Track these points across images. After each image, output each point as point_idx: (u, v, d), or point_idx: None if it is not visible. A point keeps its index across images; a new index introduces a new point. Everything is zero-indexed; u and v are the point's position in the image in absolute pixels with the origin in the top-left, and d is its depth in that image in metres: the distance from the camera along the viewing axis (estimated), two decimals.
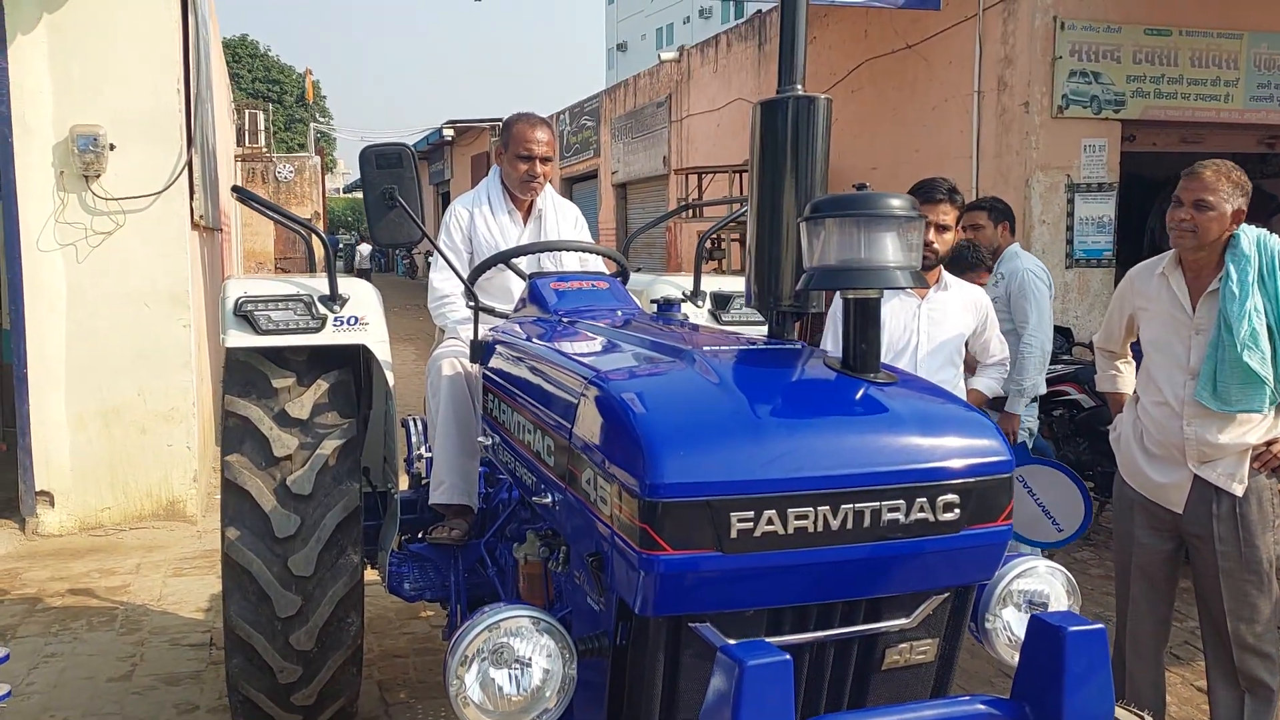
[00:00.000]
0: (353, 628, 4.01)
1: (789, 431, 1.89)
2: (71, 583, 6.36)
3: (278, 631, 3.85)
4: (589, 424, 2.08)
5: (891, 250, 2.02)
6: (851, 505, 1.83)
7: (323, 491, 3.95)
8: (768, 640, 1.80)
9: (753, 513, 1.79)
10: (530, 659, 1.95)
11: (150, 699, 4.82)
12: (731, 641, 1.82)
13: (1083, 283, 9.13)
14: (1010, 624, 2.17)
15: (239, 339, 3.99)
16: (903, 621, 1.98)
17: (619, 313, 3.52)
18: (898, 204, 2.03)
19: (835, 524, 1.82)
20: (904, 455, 1.88)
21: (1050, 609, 2.15)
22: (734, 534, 1.78)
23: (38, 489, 7.12)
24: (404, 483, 4.80)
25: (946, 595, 2.02)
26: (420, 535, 4.22)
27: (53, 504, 7.17)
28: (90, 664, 5.17)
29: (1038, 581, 2.18)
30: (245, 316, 4.00)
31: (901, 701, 2.01)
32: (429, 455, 4.45)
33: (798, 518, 1.81)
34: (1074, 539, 5.09)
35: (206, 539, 7.27)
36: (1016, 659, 2.16)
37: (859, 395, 2.02)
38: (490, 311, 3.97)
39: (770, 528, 1.80)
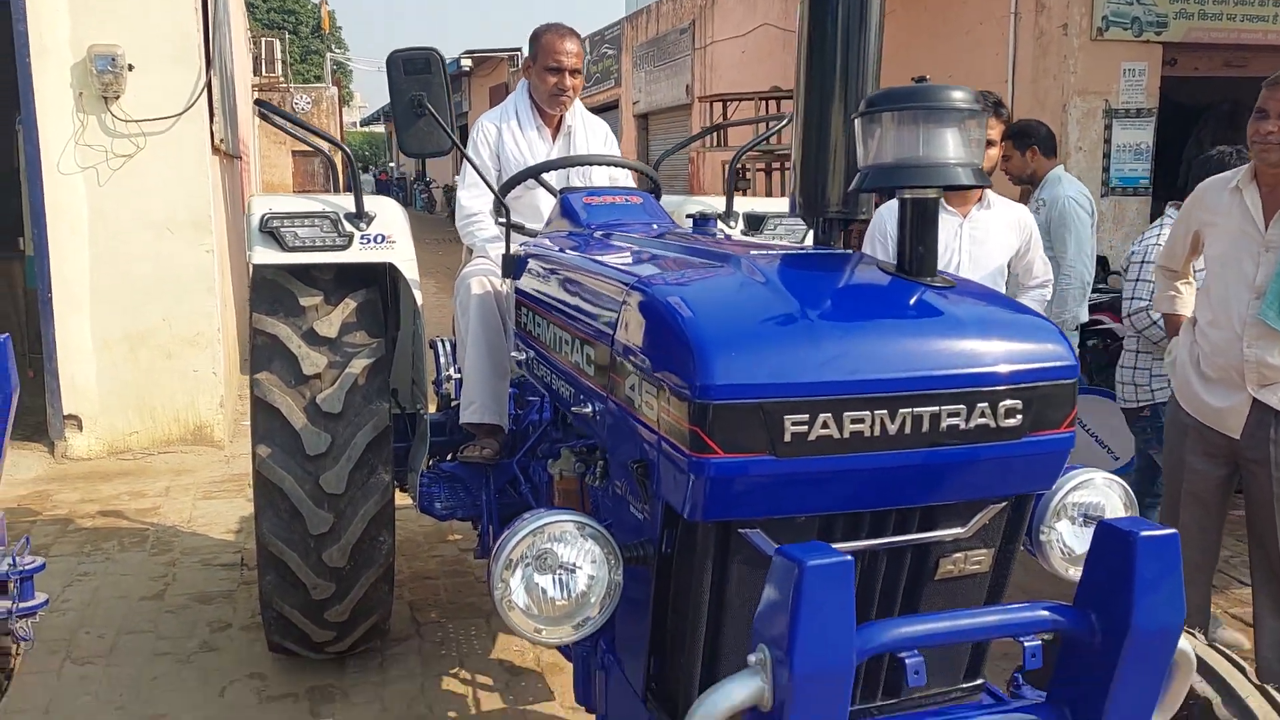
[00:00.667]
0: (384, 546, 4.00)
1: (845, 333, 1.82)
2: (102, 505, 6.41)
3: (310, 549, 3.86)
4: (633, 329, 2.01)
5: (952, 146, 1.92)
6: (910, 410, 1.76)
7: (353, 410, 3.92)
8: None
9: (807, 416, 1.72)
10: (575, 564, 1.91)
11: (183, 617, 4.86)
12: None
13: (1118, 211, 8.92)
14: (1065, 537, 2.11)
15: (265, 256, 3.94)
16: (958, 531, 1.92)
17: (654, 226, 3.43)
18: (960, 96, 1.92)
19: (893, 429, 1.75)
20: (965, 358, 1.81)
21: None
22: (787, 438, 1.72)
23: (65, 413, 7.15)
24: (433, 406, 4.77)
25: (1003, 505, 1.96)
26: (451, 455, 4.19)
27: (80, 428, 7.20)
28: (123, 583, 5.22)
29: (1095, 493, 2.11)
30: (271, 233, 3.93)
31: None
32: (458, 376, 4.41)
33: (854, 422, 1.74)
34: (1130, 468, 5.02)
35: (234, 464, 7.31)
36: (1070, 572, 2.11)
37: (917, 298, 1.94)
38: (520, 229, 3.89)
39: (825, 432, 1.73)
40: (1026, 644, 1.68)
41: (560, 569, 1.91)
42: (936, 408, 1.77)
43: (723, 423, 1.71)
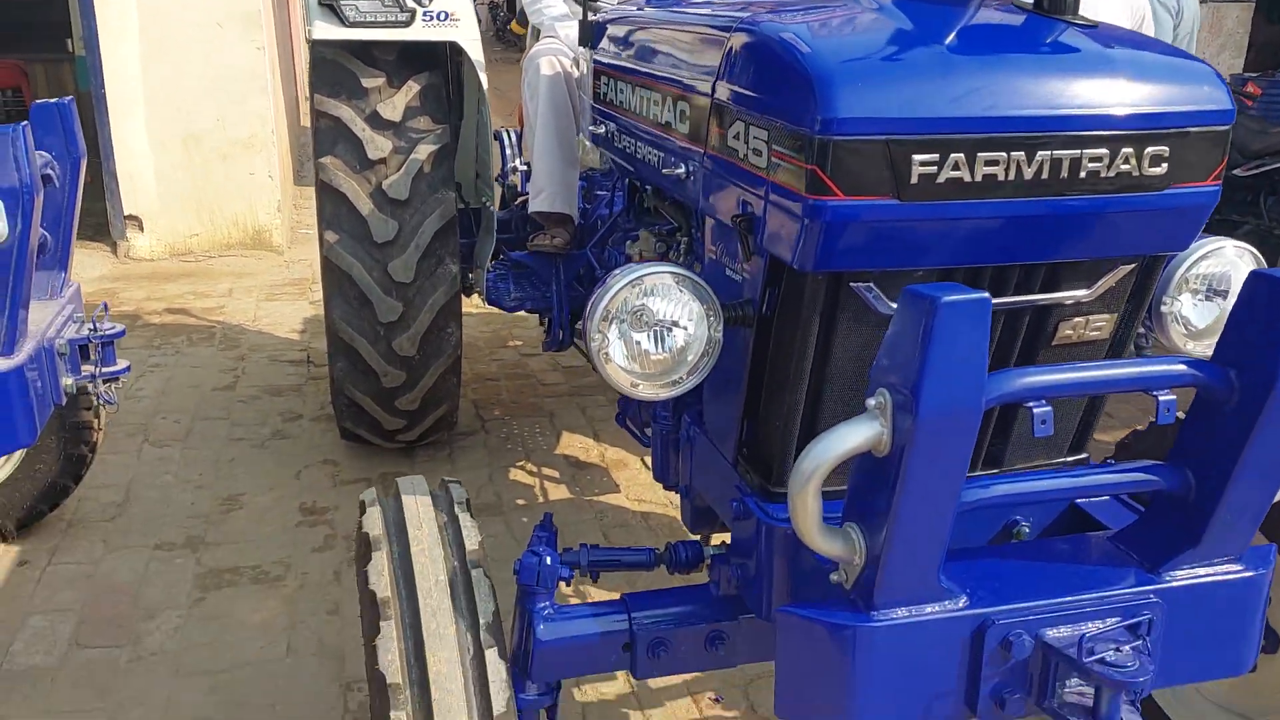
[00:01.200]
0: (452, 338, 3.99)
1: (981, 67, 1.65)
2: (167, 303, 6.48)
3: (380, 336, 3.85)
4: (739, 71, 1.86)
5: None
6: (1049, 152, 1.61)
7: (419, 198, 3.83)
8: None
9: (937, 155, 1.58)
10: (673, 319, 1.83)
11: (255, 407, 4.95)
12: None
13: (1216, 20, 8.33)
14: (1186, 310, 1.99)
15: (325, 31, 3.76)
16: (1082, 293, 1.80)
17: None
18: None
19: (1029, 173, 1.61)
20: (1110, 97, 1.64)
21: (1233, 295, 1.95)
22: (914, 179, 1.59)
23: (126, 213, 7.16)
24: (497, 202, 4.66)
25: (1133, 266, 1.83)
26: (519, 248, 4.09)
27: (141, 228, 7.22)
28: (194, 375, 5.31)
29: (1223, 264, 1.97)
30: (330, 6, 3.74)
31: None
32: (524, 168, 4.27)
33: (987, 163, 1.60)
34: None
35: (294, 268, 7.33)
36: (1189, 346, 2.00)
37: (1058, 35, 1.76)
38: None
39: (955, 174, 1.60)
40: (1161, 398, 1.58)
41: (658, 324, 1.83)
42: (1078, 151, 1.62)
43: (844, 161, 1.58)
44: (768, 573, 1.93)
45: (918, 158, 1.59)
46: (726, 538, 2.50)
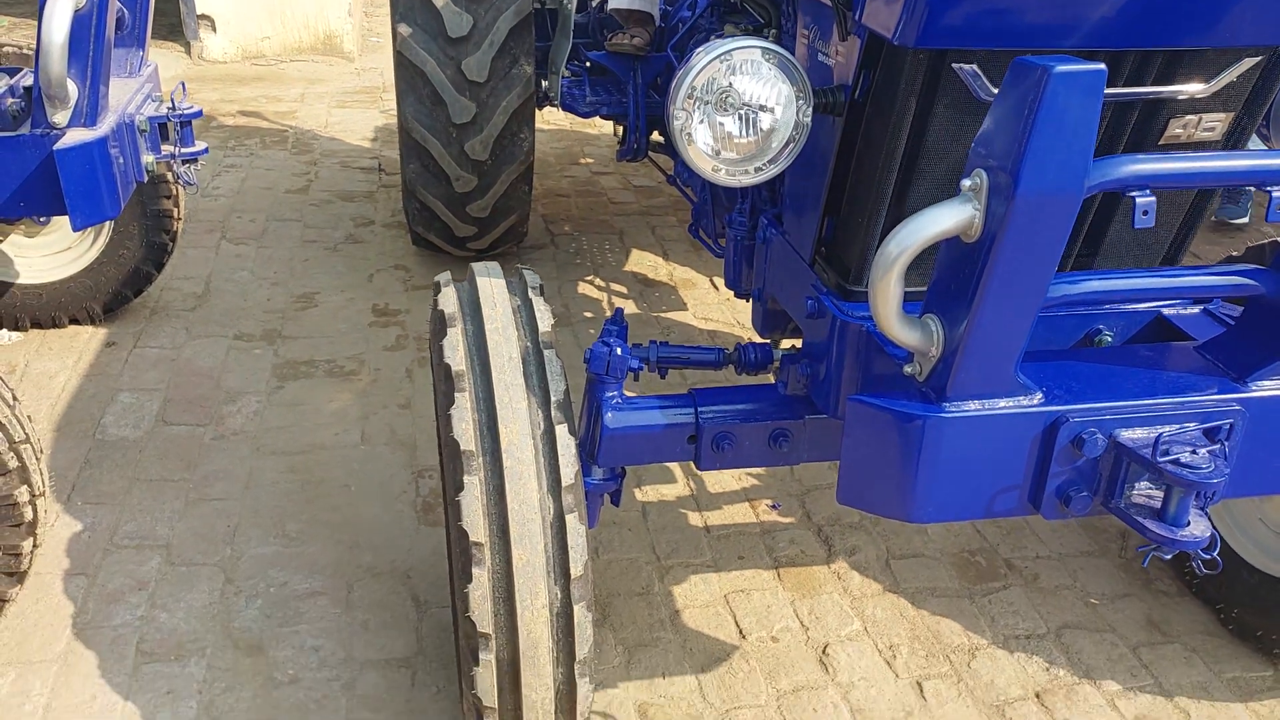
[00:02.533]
0: (525, 143, 3.93)
1: None
2: (240, 105, 6.47)
3: (453, 139, 3.80)
4: None
5: None
6: None
7: None
8: None
9: None
10: (761, 101, 1.76)
11: (327, 211, 4.99)
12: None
13: None
14: None
15: None
16: (1199, 87, 1.69)
17: None
18: None
19: None
20: None
21: None
22: None
23: (199, 12, 7.07)
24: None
25: (1259, 60, 1.70)
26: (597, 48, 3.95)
27: (214, 28, 7.15)
28: (268, 177, 5.34)
29: None
30: None
31: None
32: None
33: None
34: None
35: (364, 76, 7.24)
36: None
37: None
38: None
39: None
40: (1275, 193, 1.50)
41: (744, 106, 1.77)
42: None
43: None
44: (838, 370, 1.93)
45: None
46: (797, 343, 2.50)
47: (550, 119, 6.18)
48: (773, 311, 2.38)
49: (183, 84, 2.84)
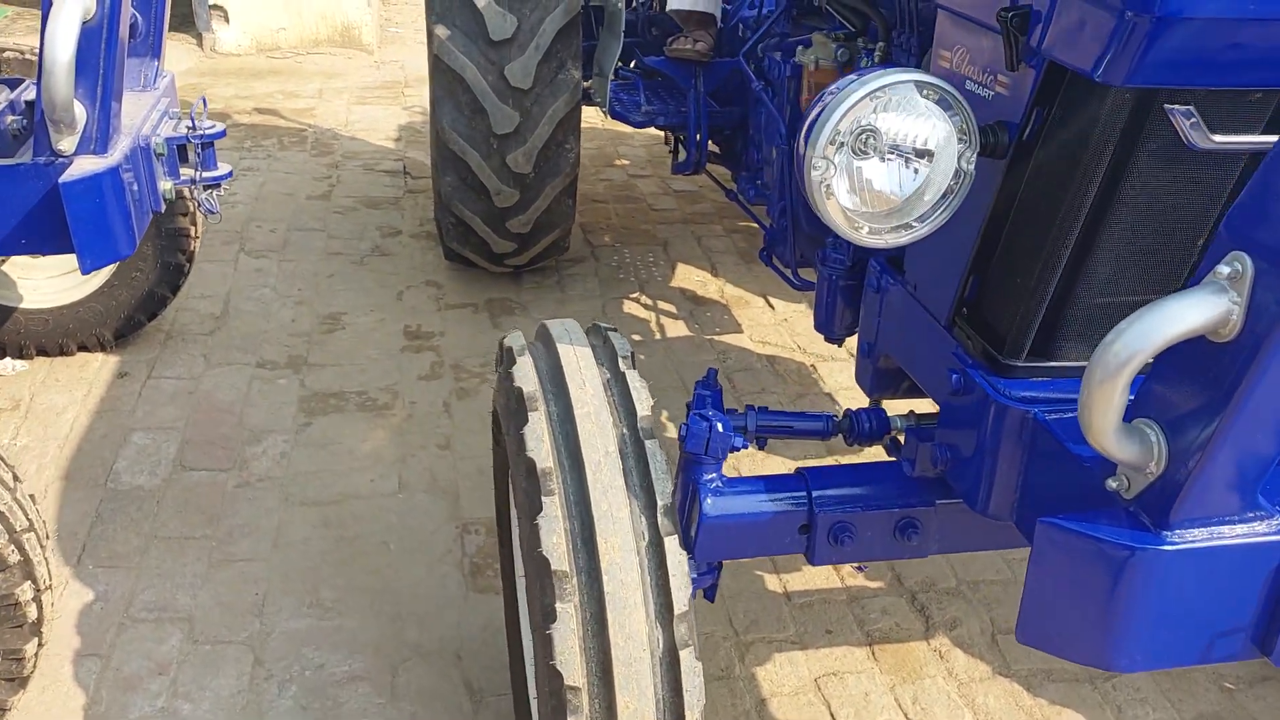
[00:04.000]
0: (571, 154, 3.61)
1: None
2: (256, 102, 6.15)
3: (493, 150, 3.49)
4: None
5: None
6: None
7: None
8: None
9: None
10: (915, 144, 1.44)
11: (352, 220, 4.68)
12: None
13: None
14: None
15: None
16: None
17: None
18: None
19: None
20: None
21: None
22: None
23: (210, 2, 6.75)
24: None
25: None
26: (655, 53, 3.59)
27: (227, 19, 6.83)
28: (288, 181, 5.03)
29: None
30: None
31: None
32: None
33: None
34: None
35: (385, 70, 6.92)
36: None
37: None
38: None
39: None
40: None
41: (893, 151, 1.45)
42: None
43: None
44: (991, 461, 1.61)
45: None
46: (914, 405, 2.19)
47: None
48: (885, 370, 2.07)
49: (203, 99, 2.53)
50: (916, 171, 1.47)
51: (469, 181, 3.58)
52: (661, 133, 4.56)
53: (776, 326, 3.96)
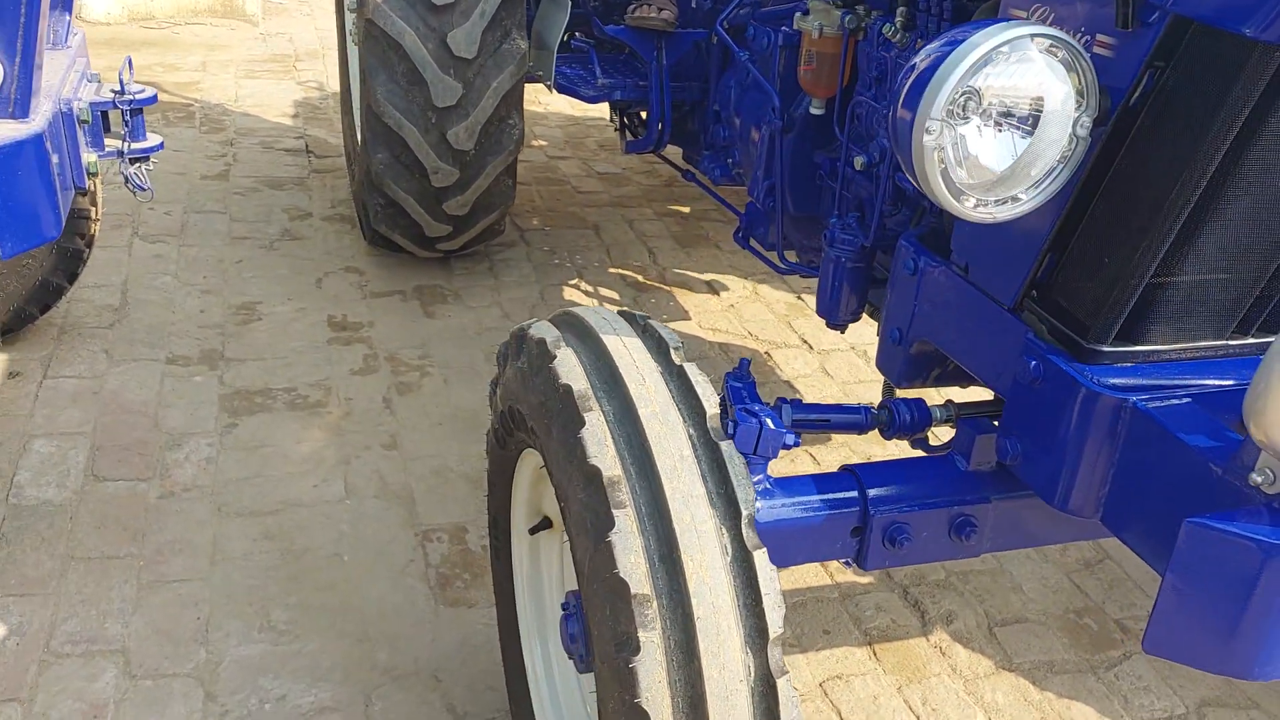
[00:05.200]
0: (515, 130, 3.38)
1: None
2: (134, 75, 5.62)
3: (433, 125, 3.22)
4: None
5: None
6: None
7: None
8: None
9: None
10: (1027, 106, 1.31)
11: (255, 201, 4.31)
12: None
13: None
14: None
15: None
16: None
17: None
18: None
19: None
20: None
21: None
22: None
23: None
24: None
25: None
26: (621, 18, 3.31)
27: None
28: (178, 159, 4.60)
29: None
30: None
31: None
32: None
33: None
34: None
35: (272, 42, 6.46)
36: None
37: None
38: None
39: None
40: None
41: (1005, 116, 1.31)
42: None
43: None
44: (1075, 453, 1.50)
45: None
46: (951, 394, 2.07)
47: None
48: (918, 356, 1.94)
49: (129, 59, 2.21)
50: (1027, 137, 1.33)
51: (403, 159, 3.30)
52: (597, 108, 4.35)
53: (724, 313, 3.82)
